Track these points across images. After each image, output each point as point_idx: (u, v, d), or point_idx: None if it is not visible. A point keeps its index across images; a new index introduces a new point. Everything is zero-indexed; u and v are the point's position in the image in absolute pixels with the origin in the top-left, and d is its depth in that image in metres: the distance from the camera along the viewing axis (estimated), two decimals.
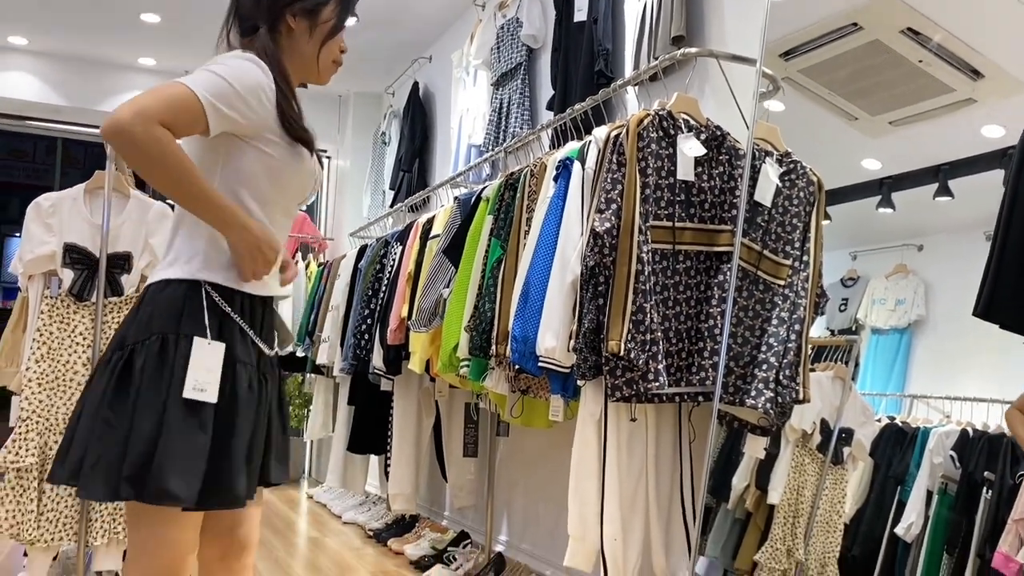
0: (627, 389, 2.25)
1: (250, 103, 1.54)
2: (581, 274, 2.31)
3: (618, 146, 2.34)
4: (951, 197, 3.63)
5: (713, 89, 2.82)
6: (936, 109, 3.59)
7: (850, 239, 4.25)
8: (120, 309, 2.92)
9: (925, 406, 3.92)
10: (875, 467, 3.63)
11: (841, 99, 3.84)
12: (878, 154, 4.01)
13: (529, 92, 4.02)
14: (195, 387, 1.50)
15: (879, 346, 4.20)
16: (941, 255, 4.09)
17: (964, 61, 3.33)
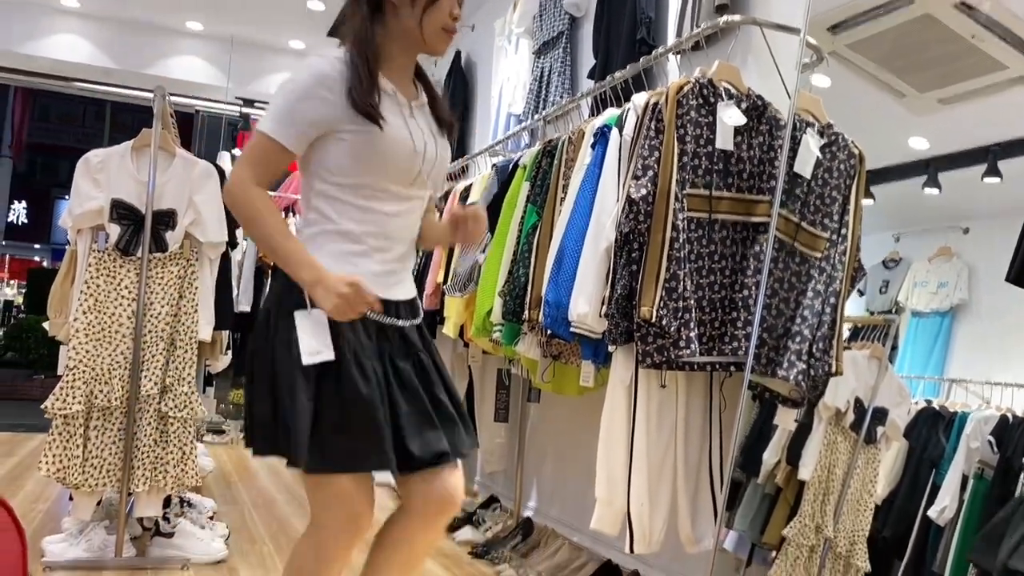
0: (658, 356, 2.26)
1: (308, 108, 1.62)
2: (615, 240, 2.32)
3: (657, 113, 2.33)
4: (1000, 179, 3.55)
5: (756, 58, 2.79)
6: (988, 87, 3.50)
7: (894, 220, 4.18)
8: (164, 265, 2.99)
9: (964, 390, 3.86)
10: (910, 449, 3.60)
11: (889, 75, 3.76)
12: (926, 133, 3.94)
13: (571, 61, 4.01)
14: (310, 352, 1.58)
15: (919, 329, 4.14)
16: (987, 239, 4.01)
17: (1019, 37, 3.25)
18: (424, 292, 3.74)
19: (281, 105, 1.63)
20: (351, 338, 1.63)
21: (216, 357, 3.39)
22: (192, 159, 3.10)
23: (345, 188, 1.67)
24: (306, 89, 1.62)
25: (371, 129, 1.63)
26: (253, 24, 6.54)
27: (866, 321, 3.49)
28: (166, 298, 2.96)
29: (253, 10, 6.22)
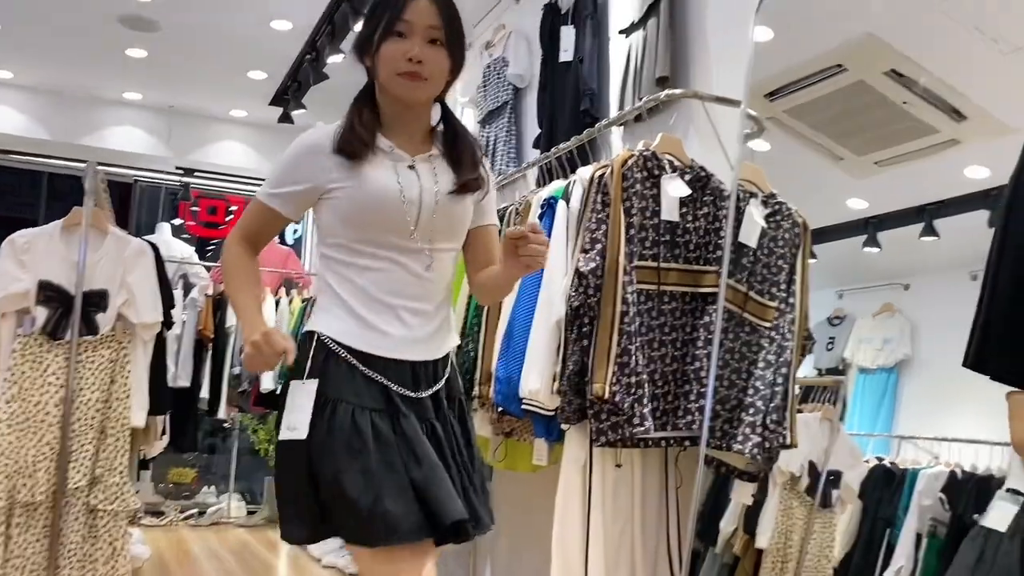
0: (612, 434, 2.20)
1: (295, 172, 1.67)
2: (566, 314, 2.28)
3: (603, 186, 2.32)
4: (936, 237, 3.63)
5: (697, 130, 2.81)
6: (921, 150, 3.60)
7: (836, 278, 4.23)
8: (95, 348, 2.86)
9: (913, 447, 3.88)
10: (864, 509, 3.58)
11: (826, 139, 3.85)
12: (864, 194, 4.02)
13: (516, 130, 4.02)
14: (289, 427, 1.60)
15: (866, 386, 4.17)
16: (927, 295, 4.09)
17: (947, 103, 3.35)
18: None
19: (273, 171, 1.71)
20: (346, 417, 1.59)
21: (151, 443, 3.24)
22: (125, 237, 3.00)
23: (341, 249, 1.67)
24: (294, 154, 1.68)
25: (353, 184, 1.63)
26: (193, 93, 6.48)
27: (816, 383, 3.49)
28: (97, 383, 2.83)
29: (193, 80, 6.16)
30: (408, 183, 1.66)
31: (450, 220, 1.72)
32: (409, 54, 1.63)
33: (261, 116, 6.78)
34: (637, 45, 3.08)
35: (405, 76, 1.64)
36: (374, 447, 1.57)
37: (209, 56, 5.67)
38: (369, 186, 1.64)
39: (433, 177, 1.70)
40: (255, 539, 5.90)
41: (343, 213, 1.65)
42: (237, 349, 5.99)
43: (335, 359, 1.63)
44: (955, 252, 3.80)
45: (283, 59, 5.62)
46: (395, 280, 1.67)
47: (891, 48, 3.31)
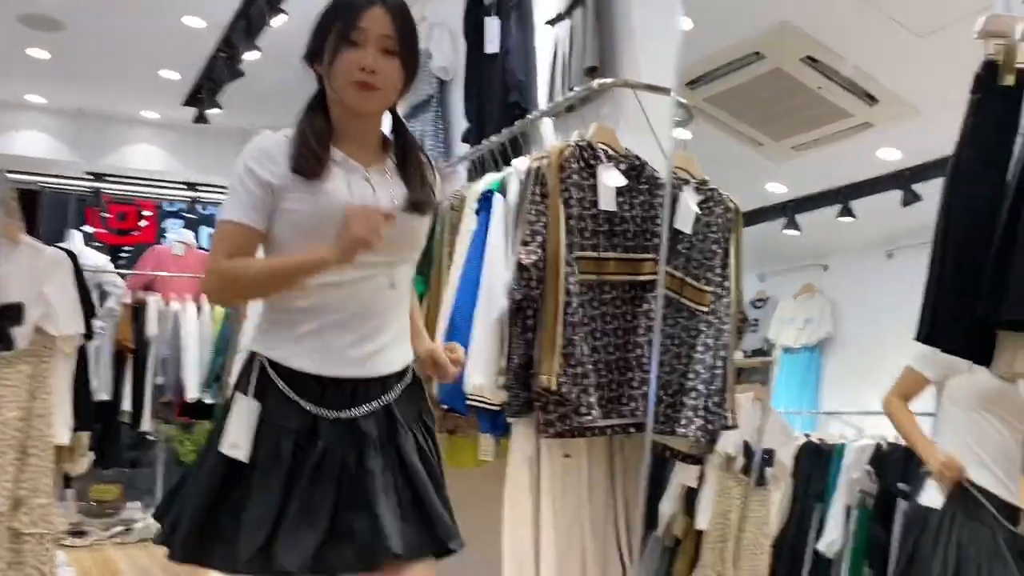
0: (560, 424, 2.21)
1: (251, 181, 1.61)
2: (509, 308, 2.27)
3: (540, 178, 2.31)
4: (853, 218, 3.76)
5: (628, 119, 2.83)
6: (836, 134, 3.72)
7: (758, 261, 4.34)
8: (11, 364, 2.72)
9: (839, 422, 4.01)
10: (795, 485, 3.69)
11: (746, 126, 3.94)
12: (783, 178, 4.13)
13: (443, 124, 3.98)
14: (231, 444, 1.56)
15: (790, 365, 4.30)
16: (846, 274, 4.23)
17: (860, 88, 3.46)
18: None
19: (230, 188, 1.63)
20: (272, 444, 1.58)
21: (76, 461, 3.10)
22: (39, 247, 2.86)
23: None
24: (245, 164, 1.62)
25: (306, 196, 1.58)
26: (101, 95, 6.24)
27: (745, 364, 3.57)
28: (15, 401, 2.69)
29: (101, 81, 5.93)
30: (362, 196, 1.62)
31: (405, 233, 1.66)
32: (362, 63, 1.58)
33: (175, 117, 6.57)
34: (564, 35, 3.08)
35: (358, 86, 1.59)
36: (285, 479, 1.57)
37: (117, 56, 5.46)
38: (321, 198, 1.59)
39: (388, 189, 1.66)
40: None
41: (294, 225, 1.61)
42: (159, 359, 5.81)
43: (269, 381, 1.62)
44: (871, 232, 3.94)
45: (196, 57, 5.45)
46: (344, 294, 1.62)
47: (807, 35, 3.40)
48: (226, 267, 1.59)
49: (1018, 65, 1.15)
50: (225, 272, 1.60)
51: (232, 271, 1.60)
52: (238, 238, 1.61)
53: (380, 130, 1.72)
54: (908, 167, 3.50)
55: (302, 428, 1.60)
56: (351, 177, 1.63)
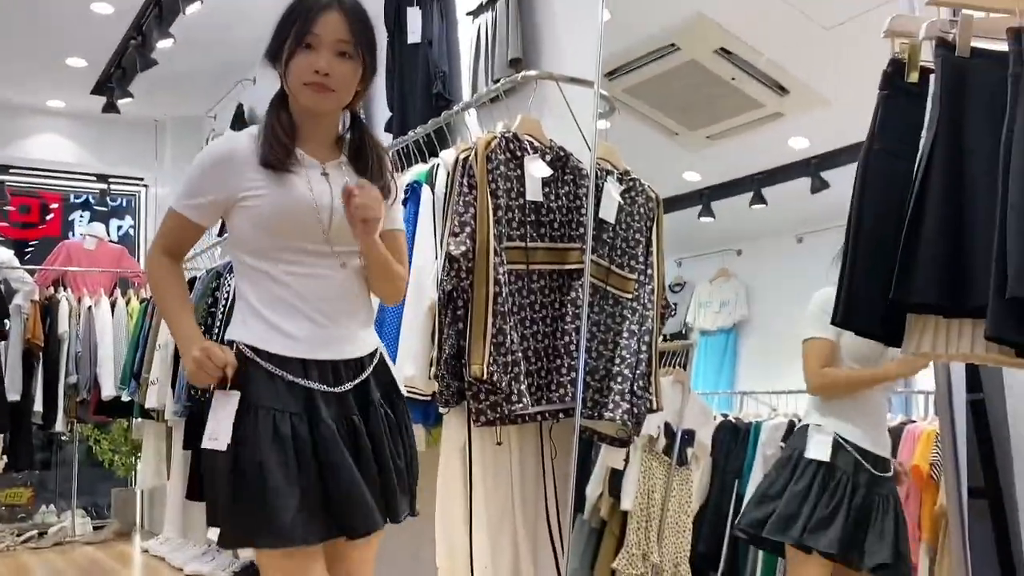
0: (492, 413, 2.24)
1: (206, 180, 1.71)
2: (439, 299, 2.29)
3: (468, 169, 2.34)
4: (765, 204, 3.89)
5: (551, 110, 2.87)
6: (748, 123, 3.83)
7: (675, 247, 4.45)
8: None
9: (754, 401, 4.16)
10: (714, 463, 3.81)
11: (662, 115, 4.03)
12: (698, 166, 4.24)
13: (365, 114, 3.95)
14: (210, 436, 1.63)
15: (708, 347, 4.42)
16: (759, 258, 4.37)
17: (772, 78, 3.58)
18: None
19: (184, 181, 1.75)
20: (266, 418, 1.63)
21: None
22: None
23: (255, 255, 1.71)
24: (203, 165, 1.73)
25: (266, 191, 1.67)
26: (4, 84, 5.96)
27: (665, 348, 3.67)
28: None
29: (3, 69, 5.66)
30: (320, 191, 1.71)
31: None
32: (315, 66, 1.67)
33: (82, 106, 6.32)
34: (486, 27, 3.11)
35: (312, 87, 1.68)
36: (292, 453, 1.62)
37: (22, 43, 5.23)
38: (282, 194, 1.68)
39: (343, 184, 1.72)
40: (105, 555, 5.57)
41: (256, 220, 1.69)
42: (72, 355, 5.62)
43: (253, 366, 1.67)
44: (782, 218, 4.08)
45: (105, 45, 5.26)
46: (310, 284, 1.71)
47: (720, 27, 3.50)
48: (155, 270, 1.77)
49: (922, 63, 1.23)
50: (152, 274, 1.79)
51: (154, 281, 1.79)
52: (178, 230, 1.76)
53: (336, 128, 1.81)
54: (816, 155, 3.64)
55: (297, 406, 1.66)
56: (310, 174, 1.72)
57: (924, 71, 1.24)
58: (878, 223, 1.17)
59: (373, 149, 1.83)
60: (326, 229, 1.70)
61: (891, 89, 1.24)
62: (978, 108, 1.15)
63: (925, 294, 1.12)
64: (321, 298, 1.72)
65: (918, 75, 1.23)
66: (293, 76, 1.69)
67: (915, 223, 1.13)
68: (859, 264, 1.17)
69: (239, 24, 4.97)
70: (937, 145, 1.14)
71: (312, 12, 1.68)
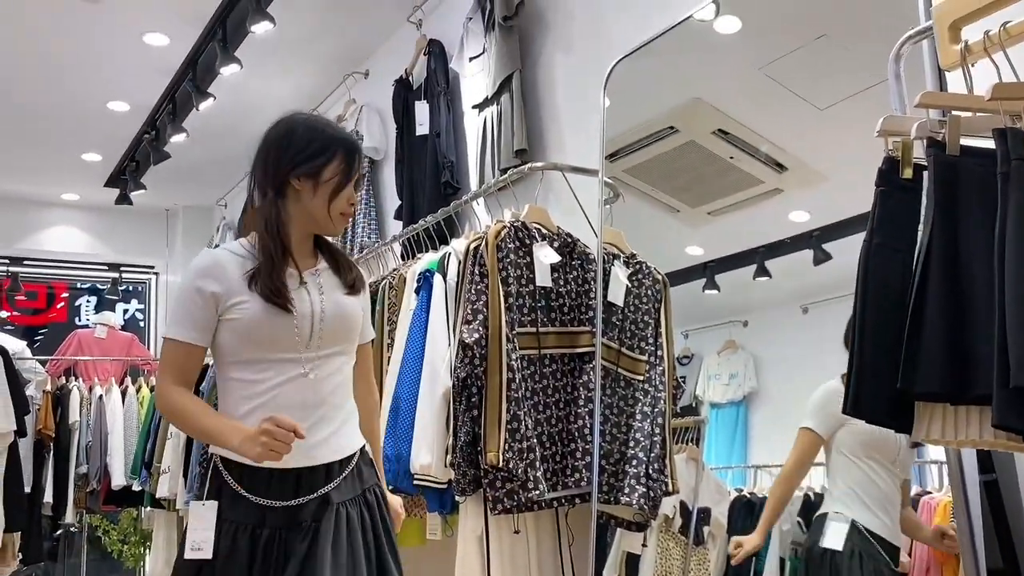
0: (509, 500, 2.25)
1: (195, 301, 1.77)
2: (453, 386, 2.32)
3: (479, 257, 2.39)
4: (769, 276, 3.94)
5: (557, 197, 2.95)
6: (748, 199, 3.91)
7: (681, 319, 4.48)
8: None
9: (768, 475, 4.13)
10: (730, 541, 3.77)
11: (663, 194, 4.11)
12: (700, 241, 4.30)
13: (375, 202, 4.06)
14: (192, 547, 1.70)
15: (718, 420, 4.41)
16: (765, 329, 4.39)
17: (769, 156, 3.67)
18: None
19: (173, 307, 1.82)
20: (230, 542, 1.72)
21: (8, 563, 2.98)
22: None
23: (239, 366, 1.78)
24: (188, 286, 1.78)
25: (250, 305, 1.75)
26: (20, 178, 6.11)
27: (677, 424, 3.67)
28: None
29: (20, 163, 5.82)
30: (300, 299, 1.79)
31: (338, 326, 1.84)
32: (352, 200, 1.86)
33: (96, 199, 6.48)
34: (492, 118, 3.22)
35: (344, 217, 1.86)
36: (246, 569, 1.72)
37: (41, 140, 5.39)
38: (265, 307, 1.75)
39: (319, 289, 1.84)
40: None
41: (241, 332, 1.76)
42: (83, 446, 5.61)
43: (223, 482, 1.77)
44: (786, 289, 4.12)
45: (119, 140, 5.42)
46: (288, 392, 1.77)
47: (717, 109, 3.61)
48: (170, 401, 1.79)
49: (915, 160, 1.29)
50: (169, 405, 1.80)
51: (174, 411, 1.80)
52: (182, 357, 1.79)
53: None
54: (817, 228, 3.70)
55: (255, 520, 1.74)
56: (290, 283, 1.79)
57: (917, 167, 1.30)
58: (882, 315, 1.21)
59: (340, 253, 1.96)
60: (306, 337, 1.77)
61: (887, 185, 1.30)
62: (971, 202, 1.21)
63: (930, 383, 1.15)
64: (298, 406, 1.75)
65: (912, 171, 1.29)
66: (330, 203, 1.80)
67: (917, 314, 1.17)
68: (866, 355, 1.21)
69: (251, 116, 5.11)
70: (934, 239, 1.19)
71: (356, 151, 1.84)
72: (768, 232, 3.93)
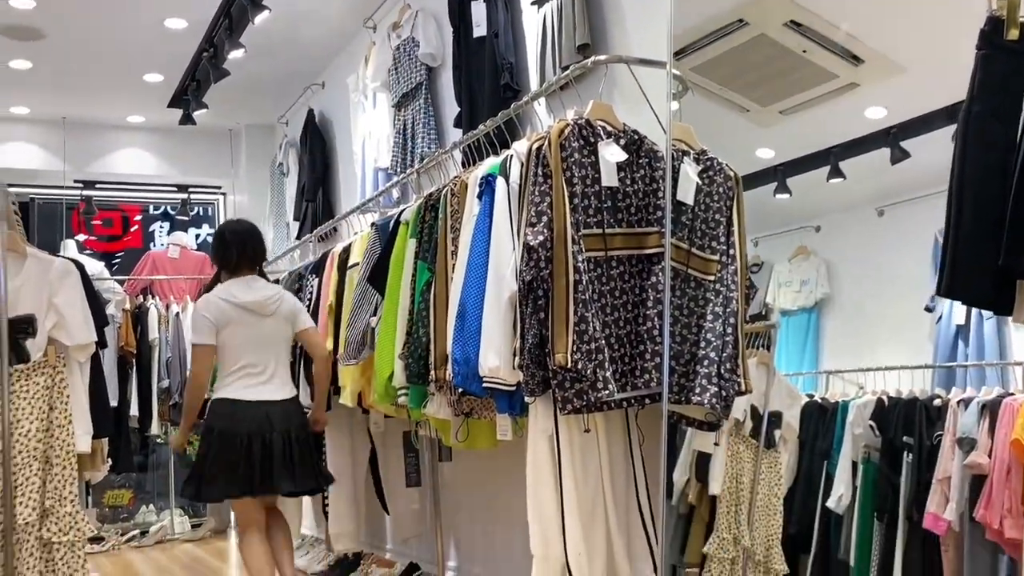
0: (578, 401, 2.24)
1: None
2: (519, 289, 2.29)
3: (542, 158, 2.33)
4: (843, 178, 3.78)
5: (622, 93, 2.85)
6: (822, 95, 3.73)
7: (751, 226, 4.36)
8: (28, 376, 2.72)
9: (840, 380, 4.05)
10: (801, 445, 3.73)
11: (732, 93, 3.95)
12: (771, 143, 4.14)
13: (433, 111, 3.99)
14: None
15: (789, 327, 4.33)
16: (838, 234, 4.25)
17: (845, 48, 3.47)
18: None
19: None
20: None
21: (98, 468, 3.12)
22: (47, 258, 2.86)
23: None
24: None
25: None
26: (86, 102, 6.20)
27: (748, 330, 3.61)
28: (35, 413, 2.70)
29: (85, 88, 5.89)
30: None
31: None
32: None
33: (160, 120, 6.54)
34: (552, 14, 3.09)
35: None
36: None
37: (100, 62, 5.43)
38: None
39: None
40: (204, 552, 5.77)
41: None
42: (163, 362, 5.82)
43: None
44: (862, 190, 3.97)
45: (179, 59, 5.42)
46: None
47: (789, 0, 3.41)
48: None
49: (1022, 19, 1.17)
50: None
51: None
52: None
53: None
54: (895, 124, 3.52)
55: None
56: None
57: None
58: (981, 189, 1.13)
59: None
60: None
61: (989, 48, 1.18)
62: None
63: None
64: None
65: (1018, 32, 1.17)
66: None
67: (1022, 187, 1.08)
68: (963, 233, 1.13)
69: (305, 29, 5.06)
70: None
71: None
72: (843, 130, 3.76)
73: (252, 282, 3.45)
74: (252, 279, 3.46)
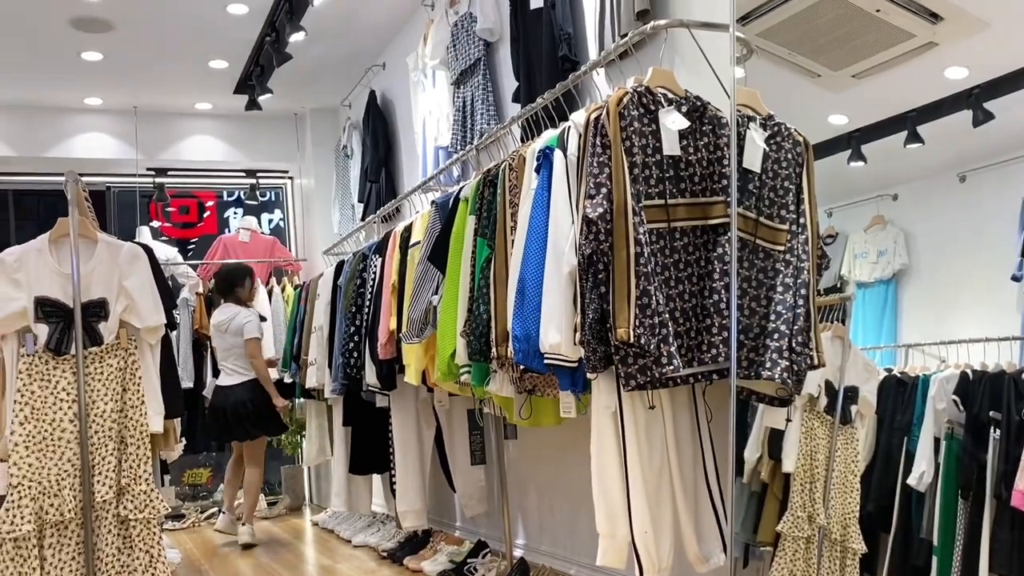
0: (641, 376, 2.18)
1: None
2: (579, 263, 2.24)
3: (600, 128, 2.26)
4: (921, 143, 3.61)
5: (683, 59, 2.76)
6: (898, 57, 3.55)
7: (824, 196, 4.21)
8: (102, 359, 2.80)
9: (920, 354, 3.89)
10: (879, 421, 3.60)
11: (802, 58, 3.79)
12: (844, 108, 3.98)
13: (492, 87, 3.94)
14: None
15: (866, 299, 4.17)
16: (917, 202, 4.07)
17: (921, 5, 3.29)
18: (377, 342, 3.61)
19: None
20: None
21: (171, 447, 3.20)
22: (116, 243, 2.92)
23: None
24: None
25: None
26: (155, 91, 6.33)
27: (822, 302, 3.49)
28: (109, 394, 2.77)
29: (153, 77, 6.01)
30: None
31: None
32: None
33: (227, 106, 6.65)
34: None
35: None
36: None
37: (167, 49, 5.53)
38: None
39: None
40: (280, 529, 5.90)
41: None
42: None
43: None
44: (941, 156, 3.78)
45: (242, 44, 5.49)
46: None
47: None
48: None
49: None
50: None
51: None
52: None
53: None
54: (977, 85, 3.34)
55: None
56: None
57: None
58: None
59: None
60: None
61: None
62: None
63: None
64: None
65: None
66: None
67: None
68: None
69: (364, 10, 5.06)
70: None
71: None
72: (921, 93, 3.58)
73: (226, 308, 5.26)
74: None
